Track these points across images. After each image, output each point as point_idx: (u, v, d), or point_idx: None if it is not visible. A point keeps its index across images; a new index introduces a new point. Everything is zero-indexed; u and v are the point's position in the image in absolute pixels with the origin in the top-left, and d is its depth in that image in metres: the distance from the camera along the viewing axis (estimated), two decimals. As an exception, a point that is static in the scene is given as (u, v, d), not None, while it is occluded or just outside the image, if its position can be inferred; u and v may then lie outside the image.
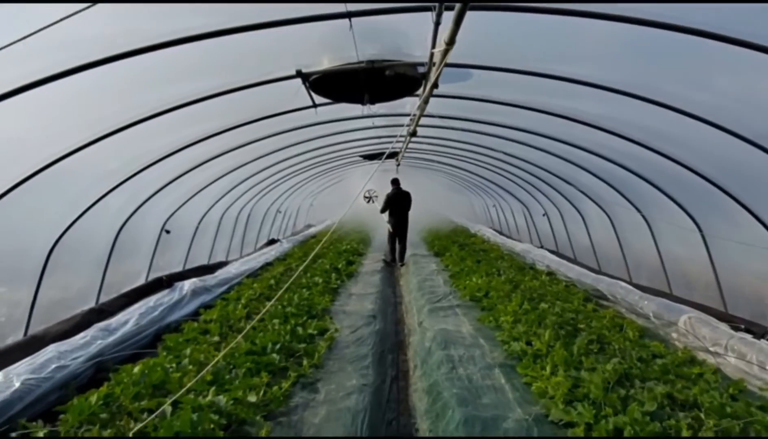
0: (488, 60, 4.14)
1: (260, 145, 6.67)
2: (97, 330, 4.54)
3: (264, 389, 3.68)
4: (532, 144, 6.86)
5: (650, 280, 6.59)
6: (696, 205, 5.32)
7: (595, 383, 3.35)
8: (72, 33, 2.85)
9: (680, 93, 3.84)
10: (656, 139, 4.83)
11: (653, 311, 5.25)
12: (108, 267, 5.75)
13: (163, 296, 5.93)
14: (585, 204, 8.19)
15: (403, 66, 4.04)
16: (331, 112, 5.80)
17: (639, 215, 6.47)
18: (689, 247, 5.59)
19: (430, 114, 5.41)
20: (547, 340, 4.38)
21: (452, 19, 2.41)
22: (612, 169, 6.15)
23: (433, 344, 4.83)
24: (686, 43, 3.10)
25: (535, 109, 5.23)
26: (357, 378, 4.09)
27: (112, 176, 5.03)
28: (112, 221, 5.76)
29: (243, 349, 4.36)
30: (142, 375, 3.78)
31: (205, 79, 4.15)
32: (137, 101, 4.05)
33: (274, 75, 4.19)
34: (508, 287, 6.82)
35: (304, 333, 5.02)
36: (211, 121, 5.22)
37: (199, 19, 3.05)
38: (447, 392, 3.73)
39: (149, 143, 5.00)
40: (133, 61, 3.22)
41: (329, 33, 3.47)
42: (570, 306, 5.87)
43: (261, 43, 3.73)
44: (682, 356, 4.19)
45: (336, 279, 8.18)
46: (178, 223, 7.30)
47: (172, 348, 4.55)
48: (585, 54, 3.96)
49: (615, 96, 4.13)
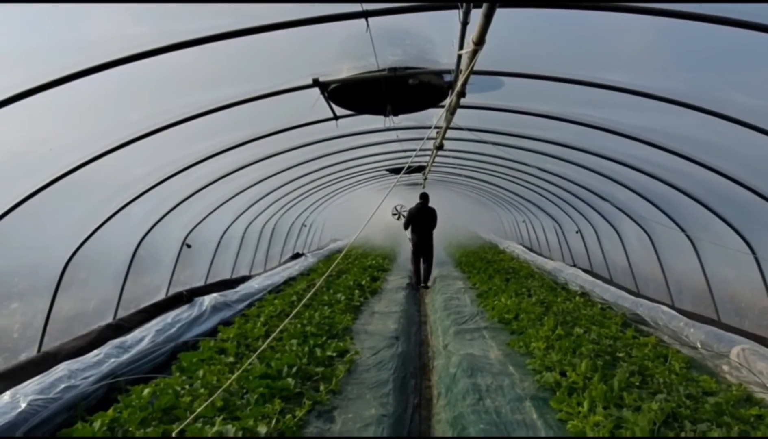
0: (519, 66, 3.85)
1: (284, 157, 6.52)
2: (111, 347, 4.40)
3: (276, 417, 3.43)
4: (565, 158, 6.52)
5: (695, 305, 6.13)
6: (747, 224, 4.89)
7: (641, 425, 2.98)
8: (88, 33, 2.78)
9: (731, 99, 3.48)
10: (702, 151, 4.45)
11: (701, 340, 4.80)
12: (127, 281, 5.64)
13: (182, 311, 5.77)
14: (622, 221, 7.76)
15: (428, 74, 3.77)
16: (354, 124, 5.61)
17: (682, 234, 6.03)
18: (740, 270, 5.14)
19: (458, 126, 5.13)
20: (584, 371, 4.01)
21: (481, 13, 2.14)
22: (652, 184, 5.76)
23: (458, 371, 4.51)
24: (739, 42, 2.78)
25: (569, 121, 4.91)
26: (376, 407, 3.81)
27: (132, 187, 4.92)
28: (132, 233, 5.67)
29: (257, 372, 4.14)
30: (151, 398, 3.61)
31: (224, 87, 4.00)
32: (158, 109, 3.92)
33: (293, 84, 3.98)
34: (539, 308, 6.44)
35: (322, 355, 4.76)
36: (233, 131, 5.08)
37: (216, 20, 2.88)
38: (473, 427, 3.42)
39: (170, 153, 4.88)
40: (154, 67, 3.10)
41: (348, 38, 3.26)
42: (607, 332, 5.47)
43: (279, 51, 3.57)
44: (736, 393, 3.76)
45: (359, 296, 7.95)
46: (201, 236, 7.19)
47: (186, 368, 4.37)
48: (625, 58, 3.65)
49: (656, 105, 3.78)
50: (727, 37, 2.76)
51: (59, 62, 2.79)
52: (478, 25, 2.28)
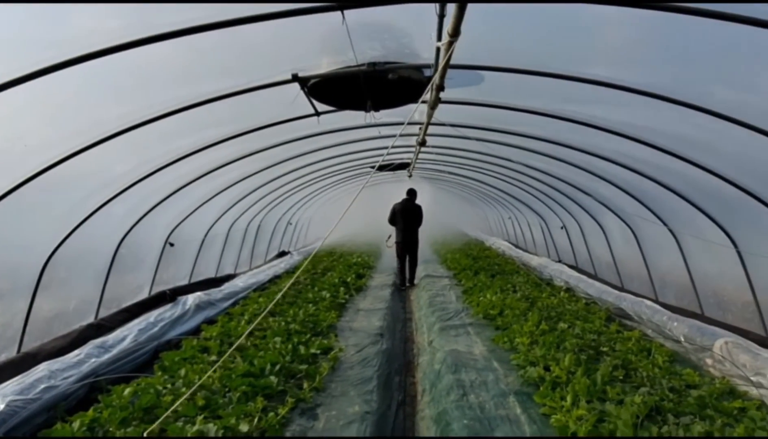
0: (499, 61, 3.80)
1: (268, 154, 6.44)
2: (92, 347, 4.32)
3: (259, 415, 3.38)
4: (549, 153, 6.52)
5: (678, 299, 6.16)
6: (730, 219, 4.90)
7: (624, 418, 2.97)
8: (65, 25, 2.71)
9: (712, 93, 3.47)
10: (685, 146, 4.45)
11: (684, 333, 4.82)
12: (108, 280, 5.53)
13: (164, 310, 5.69)
14: (606, 217, 7.79)
15: (407, 69, 3.72)
16: (337, 120, 5.55)
17: (665, 229, 6.06)
18: (723, 264, 5.16)
19: (439, 122, 5.10)
20: (567, 365, 4.00)
21: (455, 5, 2.11)
22: (635, 179, 5.77)
23: (442, 367, 4.49)
24: (721, 35, 2.76)
25: (552, 116, 4.89)
26: (360, 404, 3.78)
27: (113, 184, 4.82)
28: (114, 231, 5.56)
29: (240, 370, 4.09)
30: (132, 398, 3.55)
31: (204, 82, 3.92)
32: (138, 104, 3.84)
33: (272, 79, 3.92)
34: (524, 304, 6.44)
35: (306, 353, 4.72)
36: (216, 127, 5.00)
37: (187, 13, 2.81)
38: (456, 423, 3.39)
39: (152, 150, 4.80)
40: (132, 62, 3.05)
41: (327, 33, 3.20)
42: (591, 326, 5.48)
43: (258, 46, 3.52)
44: (719, 386, 3.77)
45: (344, 293, 7.91)
46: (184, 234, 7.09)
47: (168, 368, 4.31)
48: (607, 53, 3.61)
49: (639, 100, 3.77)
50: (709, 30, 2.74)
51: (35, 56, 2.72)
52: (452, 17, 2.27)
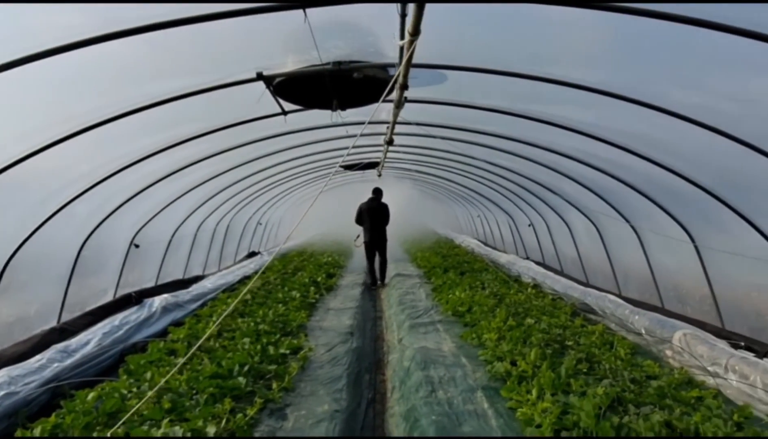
0: (464, 60, 3.86)
1: (236, 153, 6.37)
2: (55, 352, 4.21)
3: (227, 417, 3.34)
4: (515, 152, 6.62)
5: (640, 293, 6.34)
6: (688, 215, 5.08)
7: (586, 410, 3.05)
8: (23, 20, 2.63)
9: (670, 94, 3.59)
10: (645, 145, 4.59)
11: (645, 326, 4.97)
12: (71, 283, 5.39)
13: (130, 313, 5.58)
14: (571, 214, 7.95)
15: (373, 68, 3.73)
16: (305, 119, 5.52)
17: (627, 226, 6.23)
18: (681, 259, 5.34)
19: (406, 121, 5.13)
20: (533, 360, 4.08)
21: (414, 5, 2.14)
22: (599, 177, 5.91)
23: (412, 364, 4.52)
24: (679, 37, 2.87)
25: (517, 115, 4.97)
26: (330, 403, 3.78)
27: (75, 184, 4.69)
28: (76, 232, 5.42)
29: (208, 372, 4.03)
30: (96, 402, 3.47)
31: (169, 79, 3.85)
32: (101, 101, 3.75)
33: (238, 77, 3.88)
34: (493, 301, 6.53)
35: (275, 353, 4.68)
36: (182, 126, 4.92)
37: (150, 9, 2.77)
38: (425, 418, 3.42)
39: (116, 148, 4.69)
40: (95, 58, 3.01)
41: (291, 31, 3.18)
42: (557, 321, 5.59)
43: (223, 43, 3.48)
44: (678, 377, 3.90)
45: (315, 293, 7.87)
46: (150, 235, 6.95)
47: (134, 371, 4.22)
48: (569, 53, 3.70)
49: (601, 100, 3.87)
50: (664, 33, 2.84)
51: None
52: (412, 16, 2.30)
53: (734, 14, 2.46)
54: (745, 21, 2.48)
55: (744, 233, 4.19)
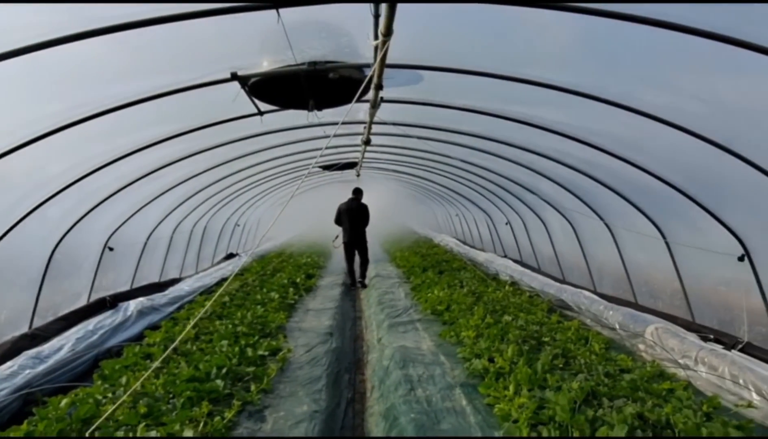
0: (437, 60, 3.90)
1: (212, 154, 6.31)
2: (26, 358, 4.14)
3: (205, 420, 3.31)
4: (491, 151, 6.69)
5: (614, 289, 6.48)
6: (659, 212, 5.21)
7: (561, 404, 3.10)
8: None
9: (640, 94, 3.68)
10: (617, 144, 4.69)
11: (619, 321, 5.09)
12: (43, 288, 5.27)
13: (104, 318, 5.49)
14: (547, 213, 8.08)
15: (348, 68, 3.74)
16: (282, 120, 5.50)
17: (601, 223, 6.35)
18: (653, 255, 5.47)
19: (382, 121, 5.15)
20: (510, 356, 4.14)
21: (386, 5, 2.17)
22: (573, 176, 6.02)
23: (391, 363, 4.55)
24: (647, 39, 2.95)
25: (493, 115, 5.03)
26: (309, 404, 3.78)
27: (47, 186, 4.59)
28: (48, 235, 5.30)
29: (185, 375, 3.97)
30: (70, 408, 3.41)
31: (143, 79, 3.80)
32: (74, 101, 3.68)
33: (212, 77, 3.85)
34: (471, 299, 6.59)
35: (254, 355, 4.65)
36: (156, 126, 4.86)
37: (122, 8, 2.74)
38: (404, 417, 3.45)
39: (89, 149, 4.60)
40: (67, 58, 2.96)
41: (265, 31, 3.18)
42: (534, 318, 5.67)
43: (197, 43, 3.46)
44: (650, 370, 4.00)
45: (294, 294, 7.84)
46: (125, 238, 6.84)
47: (109, 376, 4.14)
48: (542, 54, 3.76)
49: (574, 101, 3.94)
50: (632, 35, 2.91)
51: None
52: (384, 16, 2.31)
53: (701, 18, 2.54)
54: (710, 24, 2.56)
55: (712, 229, 4.32)
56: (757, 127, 3.35)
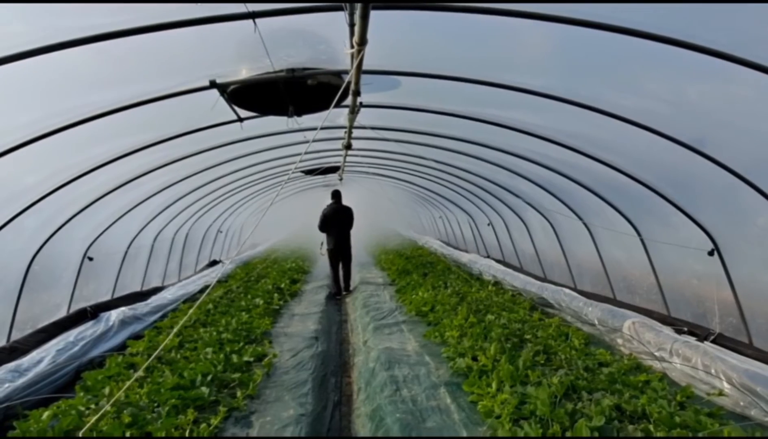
0: (414, 66, 3.98)
1: (192, 161, 6.28)
2: (5, 372, 4.06)
3: (191, 427, 3.33)
4: (471, 154, 6.79)
5: (593, 286, 6.61)
6: (633, 210, 5.35)
7: (542, 399, 3.20)
8: None
9: (612, 97, 3.80)
10: (592, 146, 4.81)
11: (598, 317, 5.21)
12: (20, 300, 5.19)
13: (86, 328, 5.41)
14: (528, 213, 8.20)
15: (326, 74, 3.79)
16: (262, 126, 5.53)
17: (580, 222, 6.48)
18: (629, 251, 5.61)
19: (362, 125, 5.20)
20: (493, 354, 4.23)
21: (358, 15, 2.24)
22: (551, 177, 6.14)
23: (376, 365, 4.60)
24: (615, 45, 3.04)
25: (471, 118, 5.12)
26: (295, 408, 3.82)
27: (23, 196, 4.52)
28: (25, 246, 5.21)
29: (169, 383, 3.99)
30: (52, 421, 3.38)
31: (120, 88, 3.78)
32: (49, 111, 3.64)
33: (190, 85, 3.87)
34: (455, 299, 6.68)
35: (239, 361, 4.68)
36: (134, 135, 4.83)
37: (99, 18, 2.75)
38: (390, 417, 3.51)
39: (65, 159, 4.54)
40: (42, 68, 2.93)
41: (243, 39, 3.21)
42: (516, 316, 5.78)
43: (174, 52, 3.46)
44: (628, 363, 4.12)
45: (278, 299, 7.86)
46: (105, 247, 6.77)
47: (92, 387, 4.12)
48: (516, 60, 3.86)
49: (550, 104, 4.05)
50: (600, 41, 3.00)
51: None
52: (357, 26, 2.37)
53: (668, 25, 2.65)
54: (678, 31, 2.67)
55: (684, 225, 4.46)
56: (722, 128, 3.50)
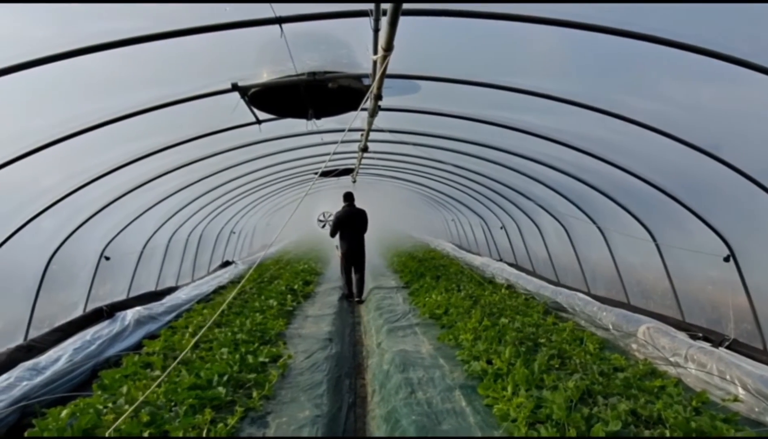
0: (435, 71, 4.02)
1: (208, 163, 6.36)
2: (23, 370, 4.10)
3: (208, 427, 3.36)
4: (485, 157, 6.81)
5: (608, 290, 6.60)
6: (649, 215, 5.34)
7: (558, 403, 3.21)
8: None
9: (628, 102, 3.81)
10: (607, 149, 4.82)
11: (612, 322, 5.20)
12: (38, 298, 5.29)
13: (102, 327, 5.48)
14: (541, 216, 8.19)
15: (347, 78, 3.83)
16: (279, 128, 5.59)
17: (594, 226, 6.48)
18: (644, 256, 5.60)
19: (380, 128, 5.25)
20: (508, 357, 4.25)
21: (386, 21, 2.26)
22: (566, 181, 6.14)
23: (391, 367, 4.63)
24: (632, 50, 3.05)
25: (486, 122, 5.15)
26: (311, 408, 3.84)
27: (42, 198, 4.61)
28: (43, 246, 5.31)
29: (186, 383, 4.03)
30: (70, 419, 3.42)
31: (140, 91, 3.86)
32: (68, 114, 3.72)
33: (212, 88, 3.94)
34: (468, 302, 6.70)
35: (255, 362, 4.72)
36: (152, 137, 4.90)
37: (127, 22, 2.81)
38: (405, 419, 3.53)
39: (83, 161, 4.63)
40: (65, 70, 2.96)
41: (266, 43, 3.27)
42: (530, 320, 5.78)
43: (197, 56, 3.53)
44: (643, 368, 4.12)
45: (292, 301, 7.90)
46: (121, 247, 6.87)
47: (109, 386, 4.15)
48: (533, 64, 3.90)
49: (565, 108, 4.07)
50: (621, 46, 3.02)
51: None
52: (384, 33, 2.39)
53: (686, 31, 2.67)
54: (695, 38, 2.69)
55: (699, 231, 4.45)
56: (739, 133, 3.50)
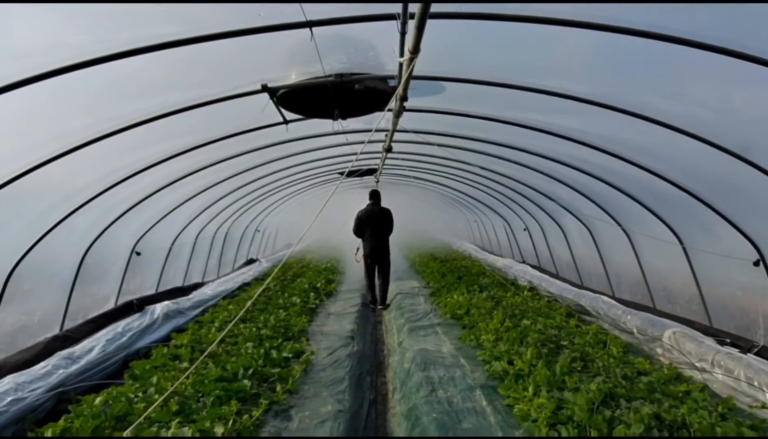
0: (459, 72, 4.04)
1: (235, 162, 6.48)
2: (59, 359, 4.28)
3: (234, 418, 3.46)
4: (509, 158, 6.79)
5: (632, 294, 6.51)
6: (676, 218, 5.26)
7: (579, 404, 3.21)
8: (29, 40, 2.73)
9: (656, 104, 3.77)
10: (634, 152, 4.76)
11: (637, 326, 5.14)
12: (73, 291, 5.48)
13: (132, 320, 5.66)
14: (565, 218, 8.12)
15: (373, 79, 3.89)
16: (305, 128, 5.66)
17: (619, 229, 6.40)
18: (671, 260, 5.51)
19: (404, 129, 5.29)
20: (529, 359, 4.24)
21: (414, 25, 2.30)
22: (591, 183, 6.08)
23: (412, 366, 4.66)
24: (659, 52, 3.04)
25: (510, 123, 5.14)
26: (333, 404, 3.90)
27: (77, 195, 4.78)
28: (79, 241, 5.51)
29: (213, 375, 4.15)
30: (104, 407, 3.56)
31: (171, 93, 3.97)
32: (103, 116, 3.85)
33: (241, 90, 4.03)
34: (490, 303, 6.69)
35: (278, 357, 4.81)
36: (182, 137, 5.03)
37: (164, 27, 2.91)
38: (426, 417, 3.56)
39: (116, 161, 4.78)
40: (100, 73, 3.07)
41: (295, 46, 3.34)
42: (552, 322, 5.75)
43: (227, 58, 3.61)
44: (667, 372, 4.07)
45: (314, 298, 8.00)
46: (151, 243, 7.06)
47: (139, 376, 4.31)
48: (558, 65, 3.88)
49: (591, 109, 4.04)
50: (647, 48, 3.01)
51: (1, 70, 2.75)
52: (412, 36, 2.43)
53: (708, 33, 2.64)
54: (724, 40, 2.67)
55: (728, 234, 4.37)
56: (769, 136, 3.43)
